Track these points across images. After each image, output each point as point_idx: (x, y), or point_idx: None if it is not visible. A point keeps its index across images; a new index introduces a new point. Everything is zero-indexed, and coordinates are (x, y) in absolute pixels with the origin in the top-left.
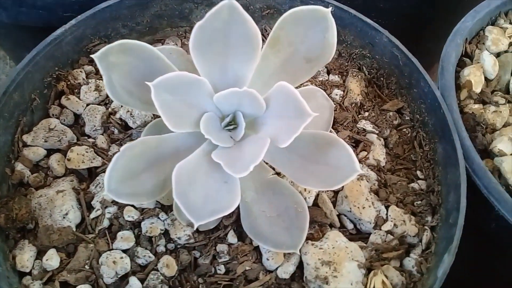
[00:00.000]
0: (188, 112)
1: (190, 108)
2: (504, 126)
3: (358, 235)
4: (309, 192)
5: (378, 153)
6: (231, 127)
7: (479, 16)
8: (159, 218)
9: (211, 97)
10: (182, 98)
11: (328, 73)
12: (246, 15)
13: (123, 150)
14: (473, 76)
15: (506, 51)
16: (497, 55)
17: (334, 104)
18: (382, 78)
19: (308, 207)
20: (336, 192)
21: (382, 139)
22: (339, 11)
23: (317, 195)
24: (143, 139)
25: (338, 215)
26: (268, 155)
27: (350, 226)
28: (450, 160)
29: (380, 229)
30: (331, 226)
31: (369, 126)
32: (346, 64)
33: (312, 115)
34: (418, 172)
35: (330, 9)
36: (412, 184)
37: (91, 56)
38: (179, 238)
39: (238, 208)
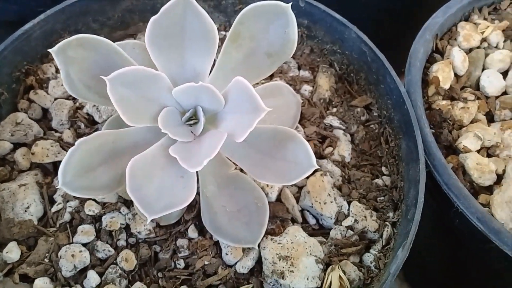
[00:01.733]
0: (147, 107)
1: (149, 102)
2: (472, 122)
3: (320, 230)
4: (272, 187)
5: (343, 149)
6: (192, 122)
7: (451, 11)
8: (120, 212)
9: (170, 92)
10: (139, 93)
11: (299, 68)
12: (201, 10)
13: (78, 144)
14: (441, 72)
15: (478, 47)
16: (469, 51)
17: (303, 99)
18: (352, 74)
19: (270, 202)
20: (300, 188)
21: (348, 135)
22: (309, 6)
23: (281, 191)
24: (99, 133)
25: (302, 211)
26: (229, 150)
27: (312, 221)
28: (412, 156)
29: (341, 225)
30: (293, 221)
31: (336, 122)
32: (318, 59)
33: (266, 110)
34: (383, 168)
35: (289, 4)
36: (376, 180)
37: (48, 50)
38: (139, 233)
39: (199, 203)
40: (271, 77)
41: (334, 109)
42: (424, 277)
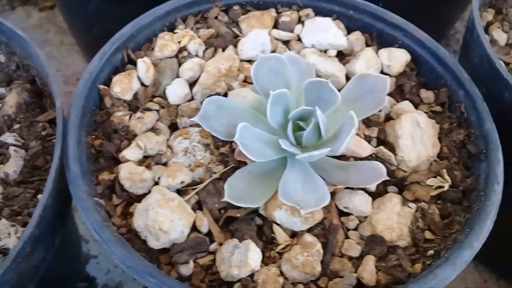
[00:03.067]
0: None
1: None
2: (152, 130)
3: None
4: None
5: (11, 166)
6: None
7: (145, 21)
8: None
9: None
10: None
11: None
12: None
13: None
14: (120, 84)
15: (176, 56)
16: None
17: None
18: (46, 88)
19: None
20: None
21: (23, 151)
22: None
23: None
24: None
25: None
26: None
27: None
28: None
29: None
30: None
31: (11, 139)
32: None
33: None
34: None
35: None
36: (39, 195)
37: None
38: None
39: None
40: None
41: (17, 126)
42: None
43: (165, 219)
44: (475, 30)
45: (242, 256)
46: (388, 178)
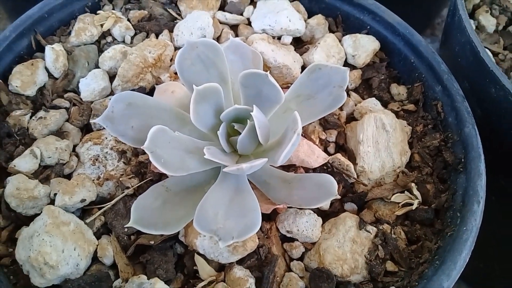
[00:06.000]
0: None
1: None
2: (58, 134)
3: None
4: None
5: None
6: None
7: (59, 0)
8: None
9: None
10: None
11: None
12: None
13: None
14: (20, 76)
15: (98, 42)
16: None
17: None
18: None
19: None
20: None
21: None
22: None
23: None
24: None
25: None
26: None
27: None
28: None
29: None
30: None
31: None
32: None
33: None
34: None
35: None
36: None
37: None
38: None
39: None
40: None
41: None
42: None
43: (53, 249)
44: (457, 12)
45: None
46: (338, 197)
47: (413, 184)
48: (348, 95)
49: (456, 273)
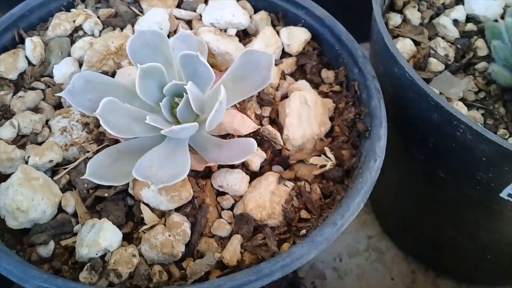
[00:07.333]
0: None
1: None
2: (34, 110)
3: None
4: None
5: None
6: None
7: (37, 1)
8: None
9: None
10: None
11: None
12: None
13: None
14: (4, 62)
15: (71, 35)
16: None
17: None
18: None
19: None
20: None
21: None
22: None
23: None
24: None
25: None
26: None
27: None
28: None
29: None
30: None
31: None
32: None
33: None
34: None
35: None
36: None
37: None
38: None
39: None
40: None
41: None
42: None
43: (24, 198)
44: (372, 4)
45: (95, 235)
46: (255, 153)
47: (327, 148)
48: (284, 78)
49: (350, 214)
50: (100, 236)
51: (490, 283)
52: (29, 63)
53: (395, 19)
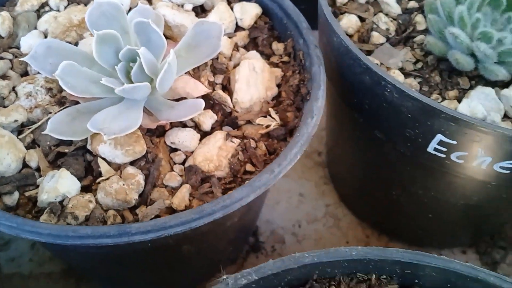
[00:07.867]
0: None
1: None
2: (3, 77)
3: None
4: None
5: None
6: None
7: None
8: None
9: None
10: None
11: None
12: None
13: None
14: None
15: (35, 11)
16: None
17: None
18: None
19: None
20: None
21: None
22: None
23: None
24: None
25: None
26: None
27: None
28: None
29: None
30: None
31: None
32: None
33: None
34: None
35: None
36: None
37: None
38: None
39: None
40: None
41: None
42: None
43: None
44: None
45: (54, 183)
46: (202, 111)
47: (272, 110)
48: (238, 50)
49: (286, 163)
50: (59, 183)
51: (438, 245)
52: None
53: None
